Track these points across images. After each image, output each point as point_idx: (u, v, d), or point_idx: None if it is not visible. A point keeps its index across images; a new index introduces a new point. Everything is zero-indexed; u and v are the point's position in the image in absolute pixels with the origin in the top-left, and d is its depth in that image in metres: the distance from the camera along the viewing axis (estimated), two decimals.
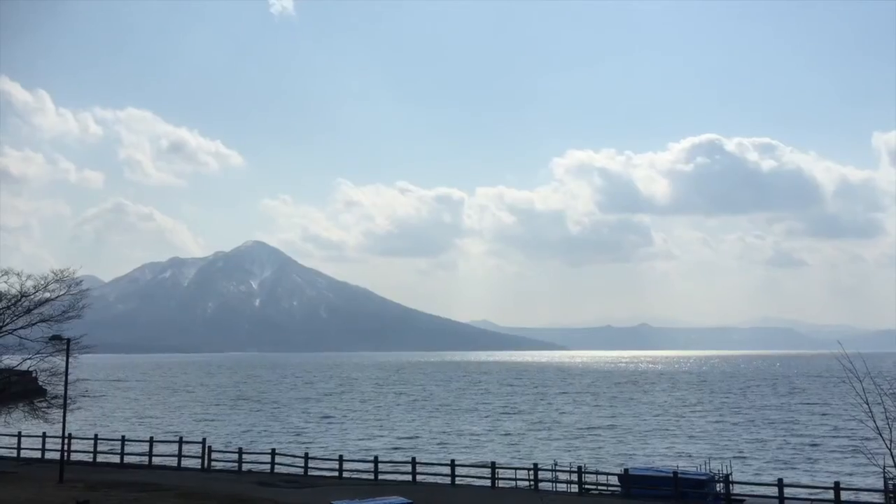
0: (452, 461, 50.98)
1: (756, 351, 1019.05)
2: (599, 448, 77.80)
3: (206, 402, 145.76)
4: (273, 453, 55.22)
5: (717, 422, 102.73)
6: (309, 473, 52.34)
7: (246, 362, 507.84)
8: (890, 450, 26.35)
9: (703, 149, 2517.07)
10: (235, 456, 56.74)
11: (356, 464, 57.39)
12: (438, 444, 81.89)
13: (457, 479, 49.17)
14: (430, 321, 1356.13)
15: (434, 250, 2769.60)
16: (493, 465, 49.14)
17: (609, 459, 68.08)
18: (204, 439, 59.33)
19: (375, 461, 52.10)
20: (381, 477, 51.24)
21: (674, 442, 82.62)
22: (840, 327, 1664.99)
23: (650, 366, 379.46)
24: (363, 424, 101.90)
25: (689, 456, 69.98)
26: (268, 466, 54.33)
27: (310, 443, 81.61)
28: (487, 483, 48.45)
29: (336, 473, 52.26)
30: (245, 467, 55.40)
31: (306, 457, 53.75)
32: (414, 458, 52.62)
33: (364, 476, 52.89)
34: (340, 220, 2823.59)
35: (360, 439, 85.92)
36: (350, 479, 51.61)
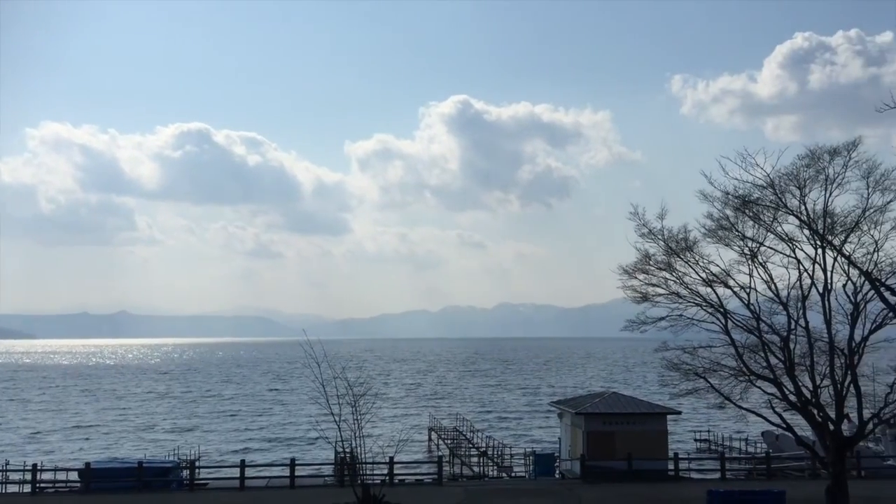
0: None
1: (234, 339, 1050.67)
2: (63, 447, 72.85)
3: None
4: None
5: (205, 413, 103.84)
6: None
7: None
8: (338, 425, 29.51)
9: (193, 137, 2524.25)
10: None
11: None
12: None
13: None
14: None
15: None
16: None
17: (74, 457, 64.00)
18: None
19: None
20: None
21: (147, 433, 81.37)
22: (310, 317, 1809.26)
23: (127, 356, 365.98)
24: None
25: (159, 446, 69.51)
26: None
27: None
28: None
29: None
30: None
31: None
32: None
33: None
34: None
35: None
36: None
